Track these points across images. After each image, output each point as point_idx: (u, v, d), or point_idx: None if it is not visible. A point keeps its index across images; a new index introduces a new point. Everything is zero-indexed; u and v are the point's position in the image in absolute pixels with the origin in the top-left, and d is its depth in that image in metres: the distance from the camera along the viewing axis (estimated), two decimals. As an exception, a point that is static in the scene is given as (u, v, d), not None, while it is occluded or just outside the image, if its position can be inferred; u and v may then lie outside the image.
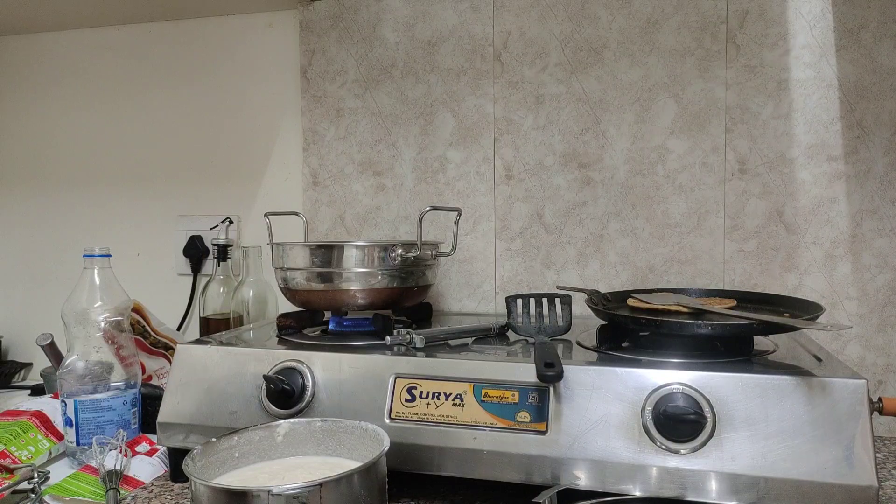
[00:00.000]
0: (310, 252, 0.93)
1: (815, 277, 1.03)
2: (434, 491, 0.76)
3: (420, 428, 0.71)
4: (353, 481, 0.58)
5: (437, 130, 1.19)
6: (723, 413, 0.64)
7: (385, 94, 1.21)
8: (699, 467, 0.63)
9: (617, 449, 0.65)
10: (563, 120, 1.12)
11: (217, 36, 1.33)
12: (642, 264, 1.10)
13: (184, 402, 0.81)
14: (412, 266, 0.94)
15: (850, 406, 0.62)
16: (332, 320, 0.93)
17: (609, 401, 0.67)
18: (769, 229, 1.04)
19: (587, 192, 1.12)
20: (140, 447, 0.90)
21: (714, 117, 1.06)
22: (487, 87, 1.16)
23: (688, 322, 0.73)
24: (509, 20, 1.15)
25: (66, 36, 1.41)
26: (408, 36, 1.20)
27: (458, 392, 0.72)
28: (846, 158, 1.01)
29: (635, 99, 1.09)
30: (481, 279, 1.18)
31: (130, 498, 0.79)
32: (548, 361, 0.67)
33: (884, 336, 1.00)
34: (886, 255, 1.00)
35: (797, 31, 1.02)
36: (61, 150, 1.43)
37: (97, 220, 1.42)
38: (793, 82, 1.03)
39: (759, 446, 0.62)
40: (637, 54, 1.09)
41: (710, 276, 1.07)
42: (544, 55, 1.13)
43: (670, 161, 1.08)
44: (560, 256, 1.13)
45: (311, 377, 0.77)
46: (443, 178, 1.19)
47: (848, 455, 0.60)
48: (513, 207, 1.15)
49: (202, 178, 1.36)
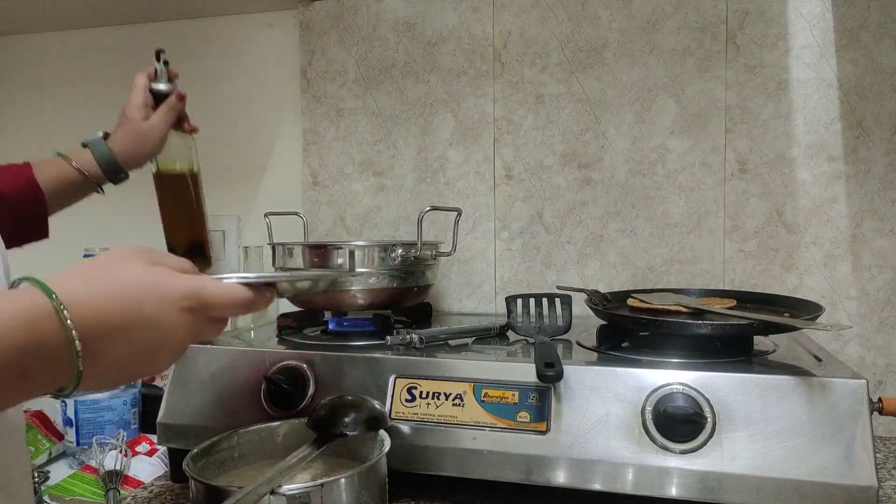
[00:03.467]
0: (310, 252, 0.93)
1: (815, 277, 1.03)
2: (434, 491, 0.76)
3: (420, 428, 0.71)
4: (354, 481, 0.58)
5: (437, 130, 1.19)
6: (723, 413, 0.64)
7: (385, 94, 1.21)
8: (699, 467, 0.63)
9: (617, 449, 0.65)
10: (563, 120, 1.12)
11: (217, 36, 1.33)
12: (642, 264, 1.10)
13: (184, 402, 0.81)
14: (412, 266, 0.94)
15: (850, 406, 0.62)
16: (332, 320, 0.93)
17: (609, 401, 0.67)
18: (769, 229, 1.04)
19: (587, 192, 1.12)
20: (140, 447, 0.90)
21: (714, 117, 1.06)
22: (487, 87, 1.16)
23: (688, 322, 0.73)
24: (509, 20, 1.15)
25: (66, 36, 1.41)
26: (408, 36, 1.20)
27: (458, 392, 0.72)
28: (846, 158, 1.01)
29: (635, 99, 1.09)
30: (481, 279, 1.18)
31: (130, 498, 0.79)
32: (548, 361, 0.67)
33: (884, 336, 1.00)
34: (886, 255, 1.00)
35: (797, 31, 1.02)
36: (60, 149, 1.43)
37: (97, 220, 1.42)
38: (793, 82, 1.03)
39: (758, 446, 0.62)
40: (637, 54, 1.09)
41: (710, 277, 1.07)
42: (544, 55, 1.13)
43: (670, 161, 1.08)
44: (560, 256, 1.13)
45: (311, 377, 0.77)
46: (443, 178, 1.19)
47: (848, 455, 0.60)
48: (513, 207, 1.15)
49: (203, 177, 1.36)
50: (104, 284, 0.42)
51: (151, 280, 0.44)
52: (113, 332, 0.41)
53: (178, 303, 0.44)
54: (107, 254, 0.46)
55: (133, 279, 0.43)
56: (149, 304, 0.43)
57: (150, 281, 0.44)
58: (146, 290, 0.43)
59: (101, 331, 0.40)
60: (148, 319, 0.43)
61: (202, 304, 0.45)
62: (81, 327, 0.39)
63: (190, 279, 0.46)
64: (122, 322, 0.42)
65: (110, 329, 0.41)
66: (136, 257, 0.45)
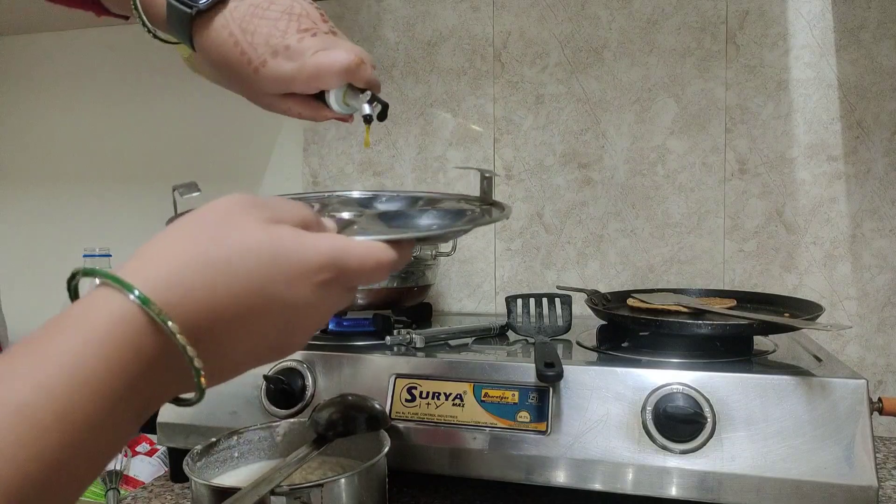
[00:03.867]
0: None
1: (815, 277, 1.03)
2: (434, 491, 0.76)
3: (420, 428, 0.71)
4: (354, 481, 0.58)
5: (437, 130, 1.19)
6: (723, 413, 0.64)
7: (385, 95, 1.21)
8: (699, 467, 0.63)
9: (617, 449, 0.65)
10: (563, 120, 1.12)
11: (217, 36, 1.33)
12: (642, 264, 1.10)
13: (184, 402, 0.81)
14: (412, 266, 0.94)
15: (850, 406, 0.62)
16: (331, 320, 0.93)
17: (609, 401, 0.67)
18: (769, 229, 1.04)
19: (587, 192, 1.12)
20: (140, 447, 0.90)
21: (714, 117, 1.06)
22: (487, 87, 1.16)
23: (688, 322, 0.73)
24: (509, 20, 1.15)
25: (66, 36, 1.41)
26: (408, 36, 1.20)
27: (458, 392, 0.72)
28: (846, 158, 1.01)
29: (635, 99, 1.09)
30: (481, 279, 1.18)
31: (130, 498, 0.79)
32: (548, 361, 0.67)
33: (884, 336, 1.00)
34: (886, 255, 1.00)
35: (797, 31, 1.02)
36: (61, 149, 1.43)
37: (97, 220, 1.42)
38: (793, 82, 1.03)
39: (759, 446, 0.62)
40: (637, 54, 1.09)
41: (710, 276, 1.07)
42: (544, 55, 1.13)
43: (670, 161, 1.08)
44: (560, 256, 1.13)
45: (311, 377, 0.77)
46: (443, 179, 1.19)
47: (848, 455, 0.60)
48: (512, 207, 1.15)
49: (203, 177, 1.35)
50: (212, 265, 0.31)
51: (275, 249, 0.33)
52: (234, 326, 0.33)
53: (313, 276, 0.35)
54: (202, 212, 0.35)
55: (251, 252, 0.33)
56: (276, 283, 0.33)
57: (274, 251, 0.33)
58: (270, 264, 0.33)
59: (219, 328, 0.32)
60: (276, 302, 0.33)
61: (342, 274, 0.36)
62: (192, 329, 0.30)
63: (327, 243, 0.36)
64: (244, 311, 0.32)
65: (230, 322, 0.32)
66: (246, 213, 0.35)
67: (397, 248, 0.39)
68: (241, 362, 0.35)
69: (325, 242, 0.36)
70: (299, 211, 0.38)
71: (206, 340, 0.31)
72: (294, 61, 0.49)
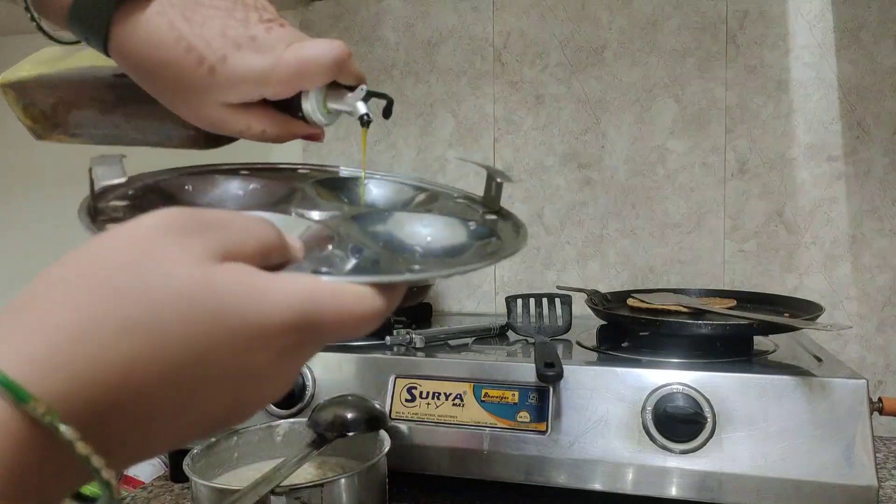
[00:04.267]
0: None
1: (815, 277, 1.03)
2: (434, 491, 0.76)
3: (420, 428, 0.71)
4: (354, 482, 0.58)
5: (436, 131, 1.19)
6: (723, 413, 0.64)
7: (385, 95, 1.21)
8: (699, 467, 0.63)
9: (617, 449, 0.65)
10: (563, 120, 1.12)
11: (217, 36, 1.33)
12: (642, 264, 1.10)
13: (184, 402, 0.81)
14: (412, 266, 0.94)
15: (850, 406, 0.62)
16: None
17: (609, 401, 0.67)
18: (769, 229, 1.04)
19: (587, 193, 1.12)
20: (140, 447, 0.90)
21: (714, 117, 1.06)
22: (487, 87, 1.16)
23: (688, 322, 0.73)
24: (509, 20, 1.15)
25: (66, 36, 1.41)
26: (408, 36, 1.20)
27: (458, 392, 0.72)
28: (846, 158, 1.01)
29: (635, 99, 1.09)
30: (481, 279, 1.18)
31: (130, 498, 0.79)
32: (548, 361, 0.67)
33: (884, 336, 1.00)
34: (886, 255, 1.00)
35: (797, 31, 1.02)
36: (61, 149, 1.43)
37: (97, 221, 1.42)
38: (793, 82, 1.03)
39: (759, 446, 0.62)
40: (637, 54, 1.09)
41: (710, 276, 1.07)
42: (544, 55, 1.13)
43: (670, 161, 1.08)
44: (560, 256, 1.13)
45: (311, 377, 0.77)
46: (443, 179, 1.19)
47: (848, 455, 0.60)
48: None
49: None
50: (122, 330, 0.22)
51: (220, 303, 0.24)
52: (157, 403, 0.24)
53: (274, 340, 0.25)
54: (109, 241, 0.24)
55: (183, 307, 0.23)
56: (220, 349, 0.24)
57: (219, 305, 0.24)
58: (212, 324, 0.23)
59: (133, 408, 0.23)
60: (219, 373, 0.24)
61: (314, 334, 0.27)
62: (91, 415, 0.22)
63: (295, 294, 0.26)
64: (170, 390, 0.23)
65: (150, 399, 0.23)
66: (178, 244, 0.24)
67: (387, 294, 0.29)
68: (172, 440, 0.26)
69: (293, 291, 0.26)
70: (258, 232, 0.27)
71: (115, 425, 0.23)
72: (264, 55, 0.38)
